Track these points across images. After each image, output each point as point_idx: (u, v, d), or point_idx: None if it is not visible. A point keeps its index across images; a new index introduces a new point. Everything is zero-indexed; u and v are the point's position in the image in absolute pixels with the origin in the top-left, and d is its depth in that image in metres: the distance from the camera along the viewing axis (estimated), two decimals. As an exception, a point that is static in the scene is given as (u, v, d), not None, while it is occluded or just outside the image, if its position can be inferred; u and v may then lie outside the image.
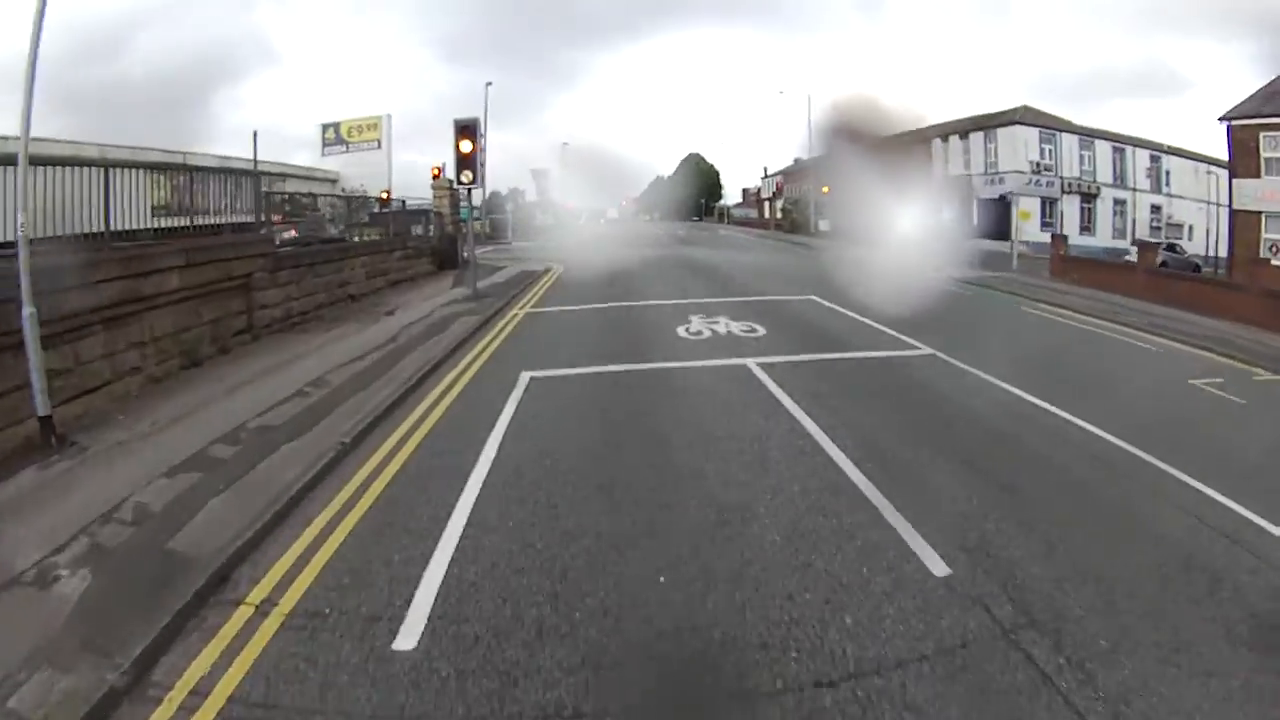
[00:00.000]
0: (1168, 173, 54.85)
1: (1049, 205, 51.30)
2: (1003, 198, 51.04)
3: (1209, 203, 54.82)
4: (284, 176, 61.44)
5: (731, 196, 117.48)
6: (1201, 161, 55.63)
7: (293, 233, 20.95)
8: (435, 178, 32.90)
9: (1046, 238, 49.92)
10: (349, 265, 19.73)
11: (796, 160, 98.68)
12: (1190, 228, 53.93)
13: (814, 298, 19.60)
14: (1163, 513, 7.15)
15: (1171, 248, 42.62)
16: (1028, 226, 50.05)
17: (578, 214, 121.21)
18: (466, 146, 17.68)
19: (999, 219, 50.69)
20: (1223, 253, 38.47)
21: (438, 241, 28.21)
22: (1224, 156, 37.42)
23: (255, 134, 52.73)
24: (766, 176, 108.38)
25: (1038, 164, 50.43)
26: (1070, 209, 52.09)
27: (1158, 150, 54.77)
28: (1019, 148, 49.95)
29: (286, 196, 25.46)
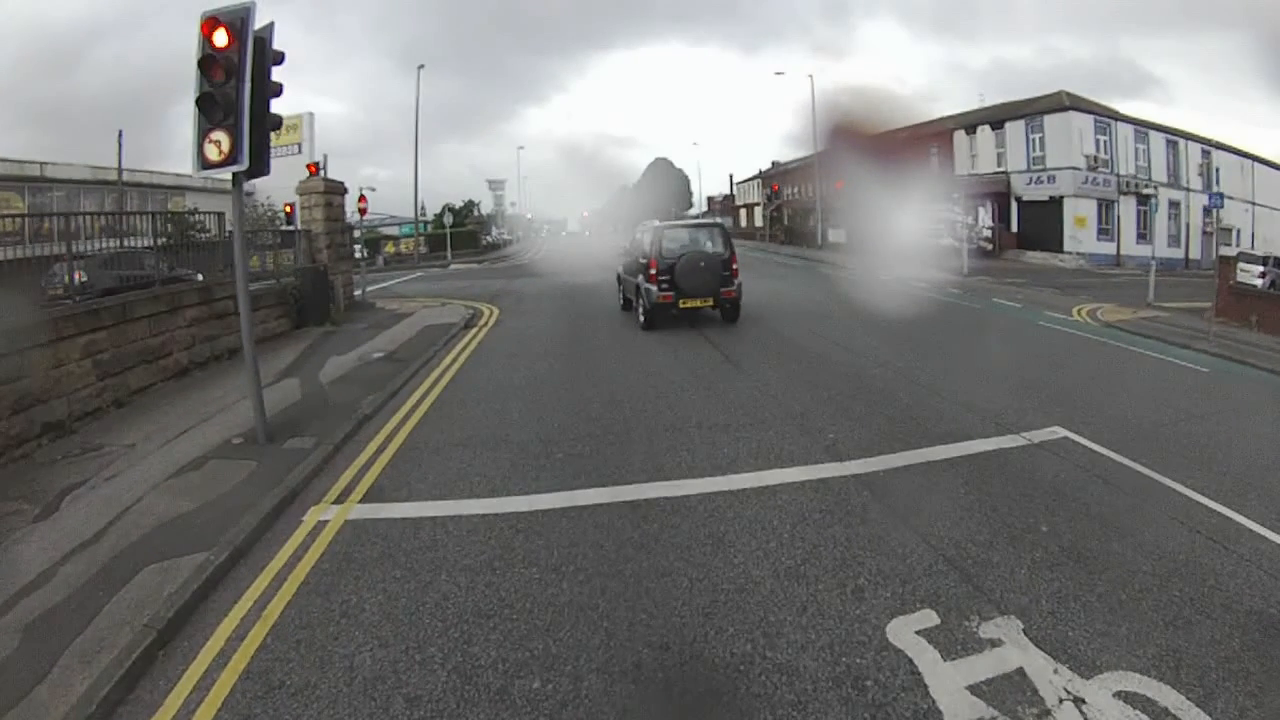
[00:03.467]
0: (1217, 170, 46.17)
1: (1105, 208, 41.95)
2: (1052, 199, 41.66)
3: (1253, 204, 47.66)
4: (181, 190, 51.24)
5: (701, 205, 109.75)
6: (1247, 158, 48.45)
7: (80, 276, 11.91)
8: (312, 174, 22.10)
9: (1104, 248, 41.23)
10: (53, 352, 9.27)
11: (774, 163, 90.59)
12: (1238, 231, 45.76)
13: (1071, 436, 8.36)
14: None
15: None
16: (1083, 234, 41.09)
17: (537, 226, 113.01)
18: (223, 38, 7.06)
19: (1046, 225, 41.61)
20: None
21: (297, 281, 17.42)
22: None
23: (120, 133, 41.34)
24: (743, 181, 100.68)
25: (1094, 158, 41.00)
26: (1127, 212, 42.78)
27: (1208, 144, 46.05)
28: (1072, 139, 40.53)
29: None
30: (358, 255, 52.61)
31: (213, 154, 7.46)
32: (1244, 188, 47.69)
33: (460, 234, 58.05)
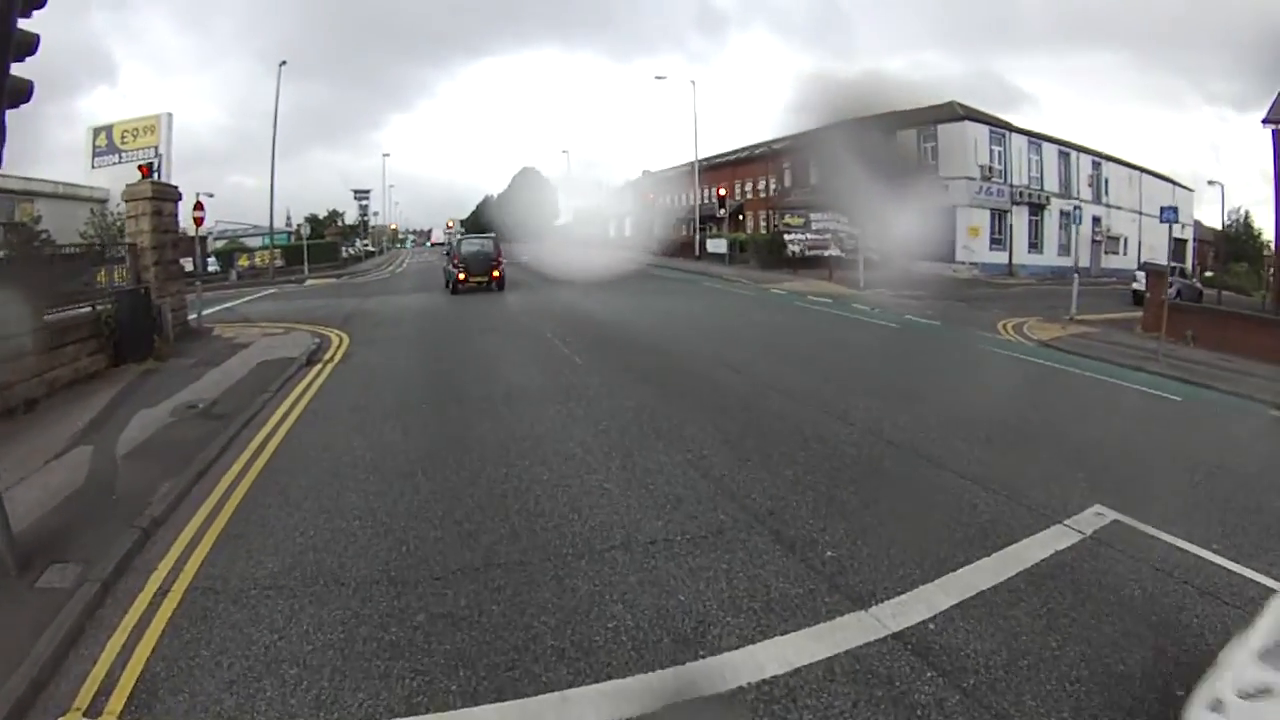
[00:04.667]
0: (1106, 181, 47.12)
1: (998, 218, 41.61)
2: (944, 209, 40.95)
3: (1140, 213, 48.78)
4: (30, 195, 45.68)
5: (567, 215, 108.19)
6: (1135, 169, 49.72)
7: None
8: (143, 176, 18.59)
9: (997, 258, 40.89)
10: None
11: (645, 172, 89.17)
12: (1125, 240, 46.71)
13: (1120, 519, 6.35)
14: None
15: (1184, 274, 33.78)
16: (976, 244, 40.55)
17: (402, 237, 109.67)
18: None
19: (938, 234, 40.83)
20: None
21: (114, 307, 13.95)
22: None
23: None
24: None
25: (988, 169, 40.56)
26: (1019, 222, 42.65)
27: (1098, 156, 46.78)
28: (968, 149, 39.96)
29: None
30: (213, 269, 47.84)
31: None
32: (1132, 198, 48.78)
33: (318, 246, 53.82)
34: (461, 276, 27.95)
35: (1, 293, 10.99)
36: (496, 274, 28.45)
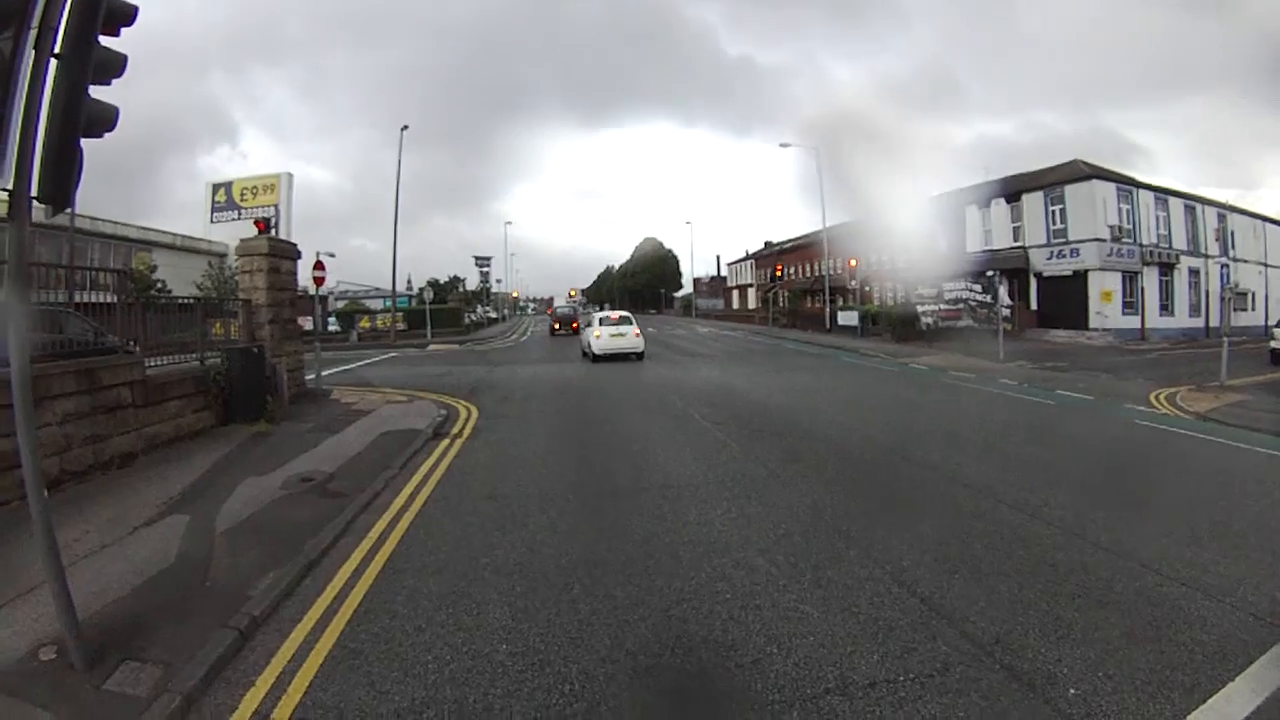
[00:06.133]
0: (1232, 233, 44.35)
1: (1129, 280, 39.29)
2: (1076, 274, 38.93)
3: (1266, 265, 45.89)
4: (148, 245, 47.65)
5: (689, 286, 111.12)
6: (1259, 219, 46.96)
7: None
8: (259, 231, 18.57)
9: (1129, 322, 38.47)
10: None
11: (767, 244, 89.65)
12: (1252, 295, 43.82)
13: None
14: None
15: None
16: (1109, 309, 38.28)
17: (524, 304, 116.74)
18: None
19: (1069, 301, 38.82)
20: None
21: (224, 363, 13.72)
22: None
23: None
24: (734, 262, 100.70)
25: (1118, 229, 38.45)
26: (1150, 283, 40.20)
27: (1223, 208, 44.26)
28: (1096, 209, 38.01)
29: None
30: (333, 328, 48.62)
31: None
32: (1257, 250, 46.04)
33: (441, 311, 54.36)
34: (556, 326, 53.33)
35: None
36: (575, 326, 49.36)
